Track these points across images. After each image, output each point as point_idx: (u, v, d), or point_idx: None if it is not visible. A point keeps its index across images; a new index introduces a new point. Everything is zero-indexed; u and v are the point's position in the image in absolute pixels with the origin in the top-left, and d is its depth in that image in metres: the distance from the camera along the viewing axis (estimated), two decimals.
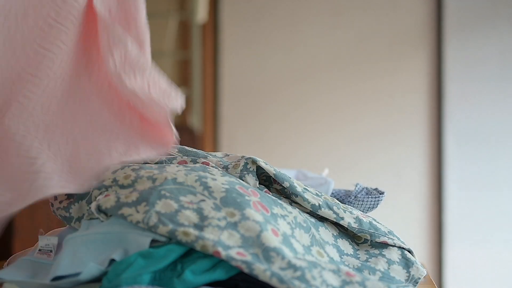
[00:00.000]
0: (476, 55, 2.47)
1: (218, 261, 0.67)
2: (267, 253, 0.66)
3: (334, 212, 0.81)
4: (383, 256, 0.81)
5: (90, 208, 0.78)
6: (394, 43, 2.57)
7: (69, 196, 0.82)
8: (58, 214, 0.82)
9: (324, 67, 2.64)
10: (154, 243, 0.69)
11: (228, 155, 0.88)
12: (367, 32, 2.59)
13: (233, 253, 0.65)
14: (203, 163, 0.83)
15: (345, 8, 2.61)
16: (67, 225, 0.83)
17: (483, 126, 2.46)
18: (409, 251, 0.83)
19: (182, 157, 0.85)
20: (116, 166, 0.81)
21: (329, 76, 2.63)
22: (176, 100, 0.85)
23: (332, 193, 0.97)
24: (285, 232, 0.73)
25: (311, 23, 2.64)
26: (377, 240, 0.81)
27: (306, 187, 0.83)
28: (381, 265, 0.79)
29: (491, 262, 2.44)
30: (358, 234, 0.82)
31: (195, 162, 0.84)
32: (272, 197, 0.80)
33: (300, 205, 0.82)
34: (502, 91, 2.45)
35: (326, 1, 2.63)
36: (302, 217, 0.79)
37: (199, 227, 0.69)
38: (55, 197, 0.82)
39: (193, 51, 2.73)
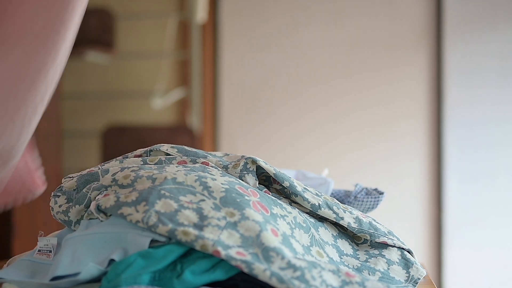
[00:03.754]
0: (475, 57, 2.47)
1: (218, 261, 0.67)
2: (267, 252, 0.66)
3: (334, 212, 0.81)
4: (383, 256, 0.81)
5: (88, 208, 0.78)
6: (394, 45, 2.57)
7: (68, 200, 0.82)
8: (58, 218, 0.82)
9: (324, 67, 2.64)
10: (153, 243, 0.69)
11: (228, 154, 0.88)
12: (367, 34, 2.59)
13: (232, 252, 0.65)
14: (202, 163, 0.83)
15: (345, 9, 2.61)
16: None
17: (482, 128, 2.46)
18: (409, 252, 0.83)
19: (181, 157, 0.85)
20: (116, 169, 0.81)
21: (328, 76, 2.63)
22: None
23: (332, 193, 0.97)
24: (284, 232, 0.73)
25: (311, 24, 2.65)
26: (377, 240, 0.82)
27: (306, 187, 0.83)
28: (381, 265, 0.79)
29: (491, 263, 2.44)
30: (358, 234, 0.82)
31: (194, 162, 0.84)
32: (272, 197, 0.80)
33: (300, 205, 0.82)
34: (502, 93, 2.46)
35: (326, 2, 2.63)
36: (301, 217, 0.79)
37: (199, 226, 0.69)
38: (55, 201, 0.83)
39: (193, 51, 2.73)
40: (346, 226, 0.81)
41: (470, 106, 2.48)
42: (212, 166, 0.83)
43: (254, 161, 0.82)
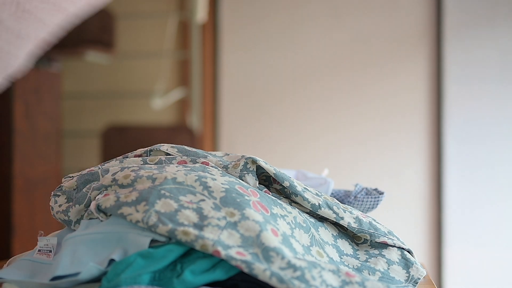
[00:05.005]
0: (475, 56, 2.47)
1: (218, 261, 0.67)
2: (267, 252, 0.66)
3: (334, 212, 0.81)
4: (383, 256, 0.81)
5: (88, 208, 0.78)
6: (394, 44, 2.57)
7: (68, 199, 0.82)
8: (57, 217, 0.82)
9: (324, 67, 2.64)
10: (153, 243, 0.69)
11: (228, 154, 0.88)
12: (367, 33, 2.59)
13: (232, 252, 0.65)
14: (202, 163, 0.83)
15: (345, 9, 2.61)
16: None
17: (482, 127, 2.46)
18: (409, 252, 0.83)
19: (181, 157, 0.85)
20: (116, 168, 0.81)
21: (328, 76, 2.63)
22: None
23: (332, 193, 0.97)
24: (284, 232, 0.73)
25: (311, 23, 2.64)
26: (377, 240, 0.81)
27: (306, 187, 0.83)
28: (381, 265, 0.79)
29: (491, 262, 2.44)
30: (358, 234, 0.82)
31: (194, 162, 0.84)
32: (272, 197, 0.80)
33: (300, 205, 0.82)
34: (502, 92, 2.46)
35: (326, 2, 2.63)
36: (301, 217, 0.79)
37: (199, 226, 0.69)
38: (55, 201, 0.82)
39: (193, 51, 2.73)
40: (346, 226, 0.81)
41: (470, 106, 2.48)
42: (212, 166, 0.83)
43: (254, 161, 0.82)
